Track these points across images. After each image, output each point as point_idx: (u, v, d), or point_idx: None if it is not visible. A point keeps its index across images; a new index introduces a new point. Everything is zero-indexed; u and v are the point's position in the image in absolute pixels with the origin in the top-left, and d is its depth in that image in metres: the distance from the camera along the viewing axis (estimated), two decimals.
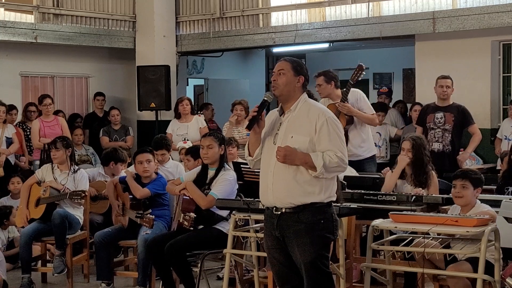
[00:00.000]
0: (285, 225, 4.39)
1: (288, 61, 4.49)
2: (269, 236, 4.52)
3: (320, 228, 4.36)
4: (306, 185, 4.34)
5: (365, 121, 7.48)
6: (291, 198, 4.35)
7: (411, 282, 5.92)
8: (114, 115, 10.73)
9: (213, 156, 6.13)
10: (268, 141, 4.49)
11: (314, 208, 4.35)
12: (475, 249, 4.75)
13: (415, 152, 6.26)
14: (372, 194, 6.00)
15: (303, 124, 4.37)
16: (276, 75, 4.47)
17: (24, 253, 6.72)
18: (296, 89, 4.45)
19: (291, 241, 4.38)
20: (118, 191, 6.81)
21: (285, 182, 4.36)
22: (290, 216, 4.37)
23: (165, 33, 12.03)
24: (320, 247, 4.36)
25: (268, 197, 4.44)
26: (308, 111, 4.41)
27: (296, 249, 4.37)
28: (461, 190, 5.32)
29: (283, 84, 4.42)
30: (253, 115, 4.44)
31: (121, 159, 7.76)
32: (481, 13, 9.25)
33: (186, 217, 5.88)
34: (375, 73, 14.70)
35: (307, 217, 4.34)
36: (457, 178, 5.37)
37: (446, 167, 7.65)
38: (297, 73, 4.45)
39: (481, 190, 5.37)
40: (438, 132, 7.96)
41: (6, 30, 10.37)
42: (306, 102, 4.47)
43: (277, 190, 4.38)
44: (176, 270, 6.01)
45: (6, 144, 9.17)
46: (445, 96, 8.01)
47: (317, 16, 10.99)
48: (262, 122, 4.47)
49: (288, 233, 4.38)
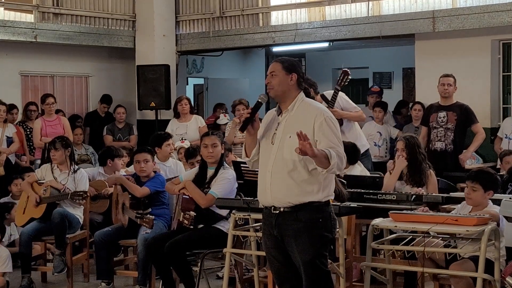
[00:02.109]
0: (283, 224, 4.38)
1: (279, 61, 4.49)
2: (268, 235, 4.51)
3: (319, 227, 4.35)
4: (304, 185, 4.33)
5: (355, 120, 7.70)
6: (289, 197, 4.34)
7: (411, 281, 5.92)
8: (120, 113, 10.74)
9: (217, 155, 6.12)
10: (265, 141, 4.49)
11: (313, 207, 4.34)
12: (476, 248, 4.75)
13: (409, 151, 6.28)
14: (372, 193, 6.01)
15: (301, 124, 4.34)
16: (269, 77, 4.47)
17: (24, 252, 6.73)
18: (291, 88, 4.43)
19: (289, 240, 4.38)
20: (118, 190, 6.81)
21: (283, 182, 4.35)
22: (288, 215, 4.36)
23: (165, 33, 12.02)
24: (319, 246, 4.36)
25: (267, 197, 4.44)
26: (305, 110, 4.40)
27: (295, 248, 4.36)
28: (471, 192, 5.30)
29: (277, 85, 4.42)
30: (246, 117, 4.44)
31: (116, 154, 7.75)
32: (481, 12, 9.25)
33: (186, 216, 5.88)
34: (375, 72, 14.69)
35: (305, 216, 4.33)
36: (469, 179, 5.35)
37: (449, 166, 7.66)
38: (288, 72, 4.43)
39: (493, 192, 5.28)
40: (441, 131, 7.96)
41: (6, 29, 10.37)
42: (304, 101, 4.46)
43: (275, 190, 4.38)
44: (176, 269, 6.01)
45: (6, 144, 9.18)
46: (447, 94, 8.01)
47: (317, 15, 10.99)
48: (256, 124, 4.46)
49: (286, 232, 4.38)
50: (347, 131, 7.56)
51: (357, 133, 7.68)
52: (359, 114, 7.72)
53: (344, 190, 5.86)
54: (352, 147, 7.03)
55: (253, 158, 4.56)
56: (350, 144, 7.09)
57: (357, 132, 7.71)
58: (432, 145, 7.96)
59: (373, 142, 9.17)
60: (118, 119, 10.73)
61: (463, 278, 4.99)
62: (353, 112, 7.61)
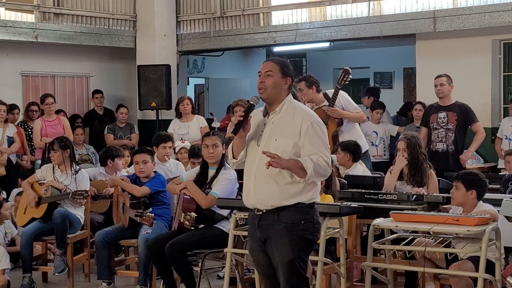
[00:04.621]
0: (265, 225, 4.30)
1: (276, 62, 4.36)
2: (252, 237, 4.45)
3: (301, 228, 4.24)
4: (288, 188, 4.24)
5: (355, 120, 7.69)
6: (272, 201, 4.26)
7: (411, 281, 5.93)
8: (123, 113, 10.74)
9: (218, 156, 6.11)
10: (252, 143, 4.39)
11: (296, 208, 4.25)
12: (476, 248, 4.75)
13: (410, 151, 6.28)
14: (373, 193, 6.01)
15: (288, 127, 4.27)
16: (263, 76, 4.34)
17: (25, 252, 6.72)
18: (283, 91, 4.34)
19: (270, 241, 4.29)
20: (118, 190, 6.82)
21: (267, 185, 4.26)
22: (270, 216, 4.28)
23: (165, 33, 12.02)
24: (299, 248, 4.24)
25: (250, 199, 4.37)
26: (293, 113, 4.30)
27: (274, 249, 4.26)
28: (454, 191, 5.33)
29: (271, 87, 4.31)
30: (238, 120, 4.34)
31: (116, 154, 7.74)
32: (482, 12, 9.25)
33: (187, 216, 5.87)
34: (376, 72, 14.70)
35: (287, 217, 4.24)
36: (454, 178, 5.40)
37: (451, 167, 7.65)
38: (284, 75, 4.33)
39: (476, 192, 5.25)
40: (442, 132, 7.93)
41: (6, 29, 10.37)
42: (292, 103, 4.36)
43: (259, 192, 4.30)
44: (177, 270, 6.00)
45: (7, 144, 9.18)
46: (441, 94, 7.99)
47: (317, 15, 10.99)
48: (247, 126, 4.35)
49: (268, 233, 4.29)
50: (346, 132, 7.58)
51: (357, 134, 7.66)
52: (360, 115, 7.72)
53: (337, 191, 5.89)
54: (355, 144, 7.07)
55: (241, 159, 4.44)
56: (352, 141, 7.14)
57: (357, 133, 7.69)
58: (434, 146, 7.94)
59: (370, 142, 9.16)
60: (120, 119, 10.72)
61: (462, 279, 5.00)
62: (354, 113, 7.60)
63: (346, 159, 7.00)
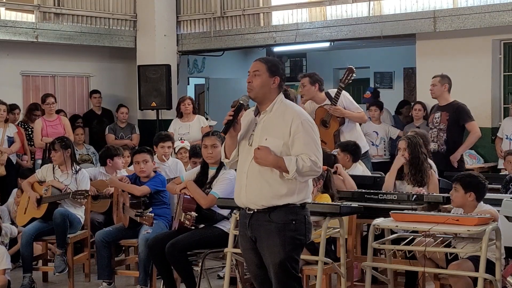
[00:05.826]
0: (256, 225, 4.31)
1: (263, 61, 4.38)
2: (243, 237, 4.45)
3: (291, 229, 4.25)
4: (278, 187, 4.25)
5: (356, 120, 7.71)
6: (263, 200, 4.28)
7: (412, 281, 5.93)
8: (123, 112, 10.75)
9: (217, 156, 6.10)
10: (243, 143, 4.41)
11: (287, 209, 4.26)
12: (476, 248, 4.75)
13: (411, 150, 6.28)
14: (373, 193, 6.01)
15: (278, 126, 4.28)
16: (251, 76, 4.36)
17: (25, 252, 6.72)
18: (271, 90, 4.34)
19: (261, 241, 4.30)
20: (118, 190, 6.82)
21: (258, 184, 4.28)
22: (261, 216, 4.29)
23: (166, 32, 12.03)
24: (290, 249, 4.25)
25: (241, 199, 4.38)
26: (283, 112, 4.31)
27: (265, 250, 4.28)
28: (453, 192, 5.33)
29: (258, 86, 4.32)
30: (228, 119, 4.35)
31: (115, 153, 7.75)
32: (482, 12, 9.25)
33: (187, 216, 5.87)
34: (376, 72, 14.69)
35: (277, 217, 4.25)
36: (453, 180, 5.39)
37: (441, 166, 7.60)
38: (272, 74, 4.34)
39: (474, 194, 5.23)
40: (434, 132, 7.93)
41: (7, 29, 10.37)
42: (283, 102, 4.37)
43: (250, 191, 4.31)
44: (177, 269, 6.01)
45: (7, 144, 9.18)
46: (432, 94, 8.03)
47: (318, 15, 11.00)
48: (238, 126, 4.37)
49: (259, 233, 4.30)
50: (347, 131, 7.58)
51: (357, 134, 7.67)
52: (361, 115, 7.73)
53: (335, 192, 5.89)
54: (354, 145, 7.08)
55: (233, 159, 4.47)
56: (351, 142, 7.15)
57: (358, 134, 7.70)
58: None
59: (370, 141, 9.17)
60: (121, 119, 10.74)
61: (462, 278, 5.00)
62: (355, 113, 7.62)
63: (346, 160, 7.00)
